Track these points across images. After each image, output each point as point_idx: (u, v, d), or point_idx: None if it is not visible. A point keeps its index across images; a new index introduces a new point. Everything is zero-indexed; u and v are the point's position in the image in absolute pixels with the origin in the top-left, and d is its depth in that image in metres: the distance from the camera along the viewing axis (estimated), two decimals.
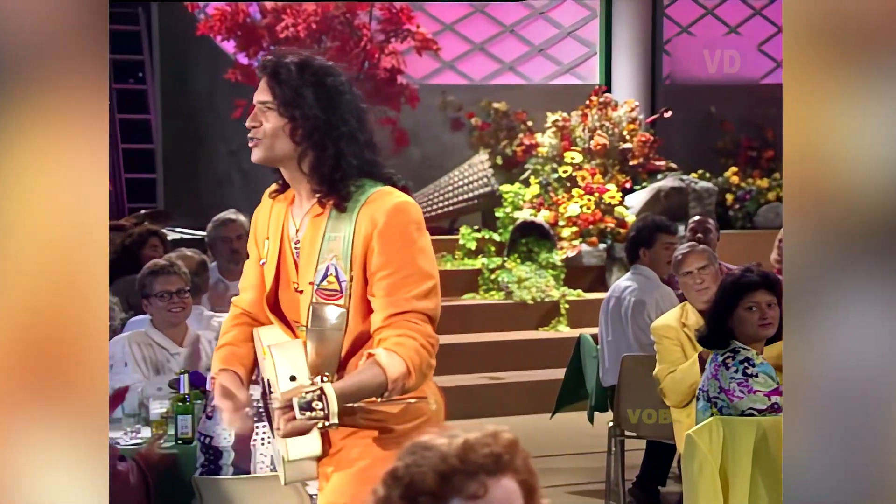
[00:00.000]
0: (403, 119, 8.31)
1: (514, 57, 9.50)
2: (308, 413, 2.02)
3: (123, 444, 3.43)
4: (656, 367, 4.31)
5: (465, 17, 9.35)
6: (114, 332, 4.50)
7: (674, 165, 8.77)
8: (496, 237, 8.34)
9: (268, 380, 2.26)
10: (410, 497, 1.24)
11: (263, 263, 2.33)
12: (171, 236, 6.57)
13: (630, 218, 8.31)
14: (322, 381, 2.07)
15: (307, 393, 2.04)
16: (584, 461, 5.63)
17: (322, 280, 2.21)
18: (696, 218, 6.17)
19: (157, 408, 3.51)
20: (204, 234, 8.06)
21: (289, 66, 2.25)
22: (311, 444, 2.15)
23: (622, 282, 5.08)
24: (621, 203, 8.45)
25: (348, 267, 2.19)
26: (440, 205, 8.73)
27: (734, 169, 9.16)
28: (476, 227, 8.45)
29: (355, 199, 2.22)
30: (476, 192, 8.70)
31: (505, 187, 8.49)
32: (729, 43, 9.59)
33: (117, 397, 3.63)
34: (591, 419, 5.08)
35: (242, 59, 8.00)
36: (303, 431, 2.08)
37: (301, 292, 2.25)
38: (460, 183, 8.73)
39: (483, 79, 9.44)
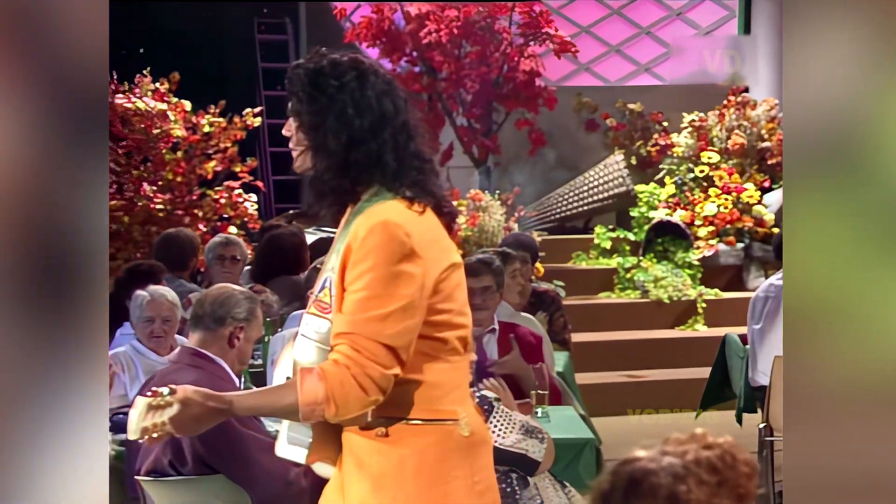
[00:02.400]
0: (539, 121, 8.46)
1: (650, 58, 9.54)
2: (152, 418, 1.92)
3: None
4: None
5: (602, 19, 9.43)
6: (273, 324, 4.81)
7: None
8: (631, 236, 8.41)
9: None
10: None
11: None
12: (320, 235, 6.87)
13: (769, 217, 8.26)
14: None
15: (161, 399, 1.94)
16: None
17: (319, 292, 2.11)
18: None
19: None
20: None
21: (302, 76, 2.14)
22: (300, 447, 2.10)
23: (774, 280, 5.09)
24: (759, 202, 8.39)
25: (337, 280, 2.07)
26: (575, 205, 8.84)
27: None
28: (611, 227, 8.53)
29: (357, 211, 2.10)
30: (611, 192, 8.78)
31: (640, 187, 8.54)
32: None
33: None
34: (739, 420, 5.06)
35: (387, 65, 8.30)
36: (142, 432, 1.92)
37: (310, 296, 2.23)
38: (595, 183, 8.83)
39: (618, 80, 9.51)
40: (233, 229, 7.23)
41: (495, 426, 3.20)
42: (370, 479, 2.11)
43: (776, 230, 7.99)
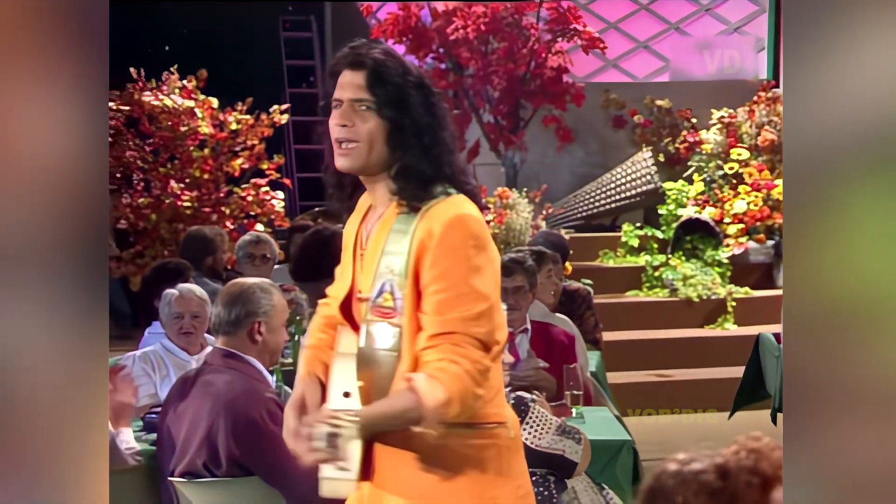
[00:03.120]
0: (566, 117, 8.41)
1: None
2: (327, 448, 1.87)
3: None
4: None
5: (630, 15, 9.36)
6: (301, 323, 4.78)
7: None
8: (659, 234, 8.33)
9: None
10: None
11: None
12: None
13: None
14: (349, 420, 1.90)
15: (335, 427, 1.88)
16: None
17: (378, 297, 2.03)
18: None
19: None
20: None
21: (387, 62, 2.03)
22: (346, 466, 1.96)
23: None
24: None
25: (404, 283, 2.00)
26: (602, 202, 8.78)
27: None
28: (638, 225, 8.47)
29: (412, 210, 2.04)
30: (639, 190, 8.71)
31: (668, 184, 8.47)
32: None
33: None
34: (774, 420, 5.01)
35: (413, 62, 8.25)
36: (317, 461, 1.92)
37: (364, 300, 2.09)
38: (623, 180, 8.76)
39: (646, 76, 9.43)
40: (259, 226, 7.21)
41: (531, 427, 3.16)
42: (428, 487, 2.06)
43: None
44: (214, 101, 7.35)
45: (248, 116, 7.39)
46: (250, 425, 2.95)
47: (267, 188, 7.45)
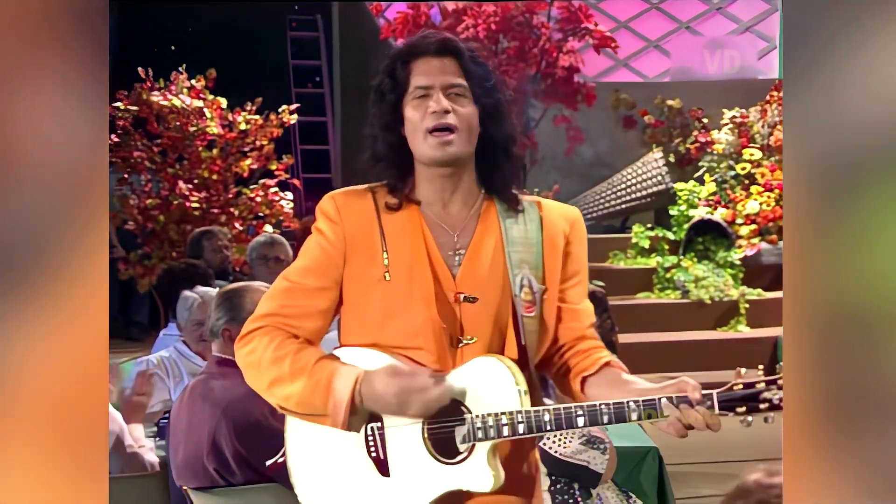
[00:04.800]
0: (576, 117, 8.35)
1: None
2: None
3: None
4: None
5: (640, 14, 9.30)
6: None
7: None
8: (670, 235, 8.27)
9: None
10: None
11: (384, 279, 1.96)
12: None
13: None
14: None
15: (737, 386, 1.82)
16: (778, 467, 5.51)
17: (519, 292, 1.98)
18: None
19: None
20: None
21: (475, 50, 2.01)
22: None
23: None
24: None
25: (541, 276, 1.98)
26: (612, 203, 8.71)
27: None
28: (649, 226, 8.41)
29: (527, 204, 2.03)
30: (649, 191, 8.65)
31: (679, 185, 8.41)
32: None
33: None
34: None
35: None
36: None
37: (473, 301, 1.96)
38: (633, 181, 8.70)
39: (657, 76, 9.37)
40: (268, 228, 7.15)
41: (556, 434, 3.09)
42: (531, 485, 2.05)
43: None
44: (223, 101, 7.29)
45: (257, 116, 7.32)
46: (253, 425, 2.91)
47: (276, 189, 7.39)
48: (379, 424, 1.94)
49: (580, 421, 1.89)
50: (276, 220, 7.35)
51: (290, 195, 7.52)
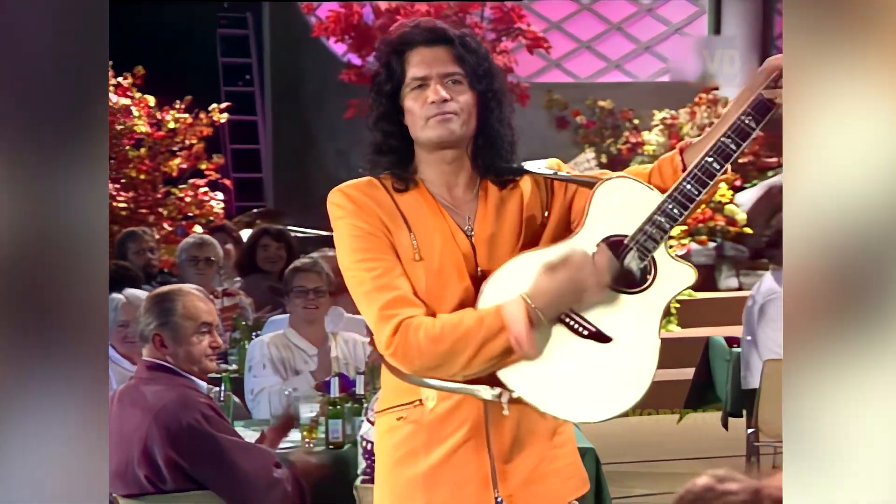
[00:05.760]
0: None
1: (621, 54, 9.48)
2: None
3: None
4: None
5: (572, 15, 9.36)
6: (248, 328, 4.63)
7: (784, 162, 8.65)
8: None
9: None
10: None
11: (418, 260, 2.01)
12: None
13: (741, 216, 8.22)
14: None
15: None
16: (714, 466, 5.57)
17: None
18: None
19: (307, 412, 3.37)
20: (317, 232, 8.25)
21: (467, 36, 2.03)
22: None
23: (768, 282, 5.02)
24: (731, 201, 8.35)
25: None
26: None
27: None
28: None
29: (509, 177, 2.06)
30: None
31: None
32: None
33: None
34: (725, 425, 4.99)
35: (356, 61, 8.14)
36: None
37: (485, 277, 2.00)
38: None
39: (589, 77, 9.44)
40: (198, 228, 7.02)
41: None
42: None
43: (748, 230, 7.96)
44: (151, 100, 7.14)
45: (186, 115, 7.19)
46: (185, 431, 2.85)
47: (206, 189, 7.27)
48: (567, 313, 1.93)
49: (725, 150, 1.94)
50: (206, 220, 7.22)
51: (220, 195, 7.41)
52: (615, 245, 1.94)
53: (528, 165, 2.08)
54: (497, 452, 1.99)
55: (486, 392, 1.95)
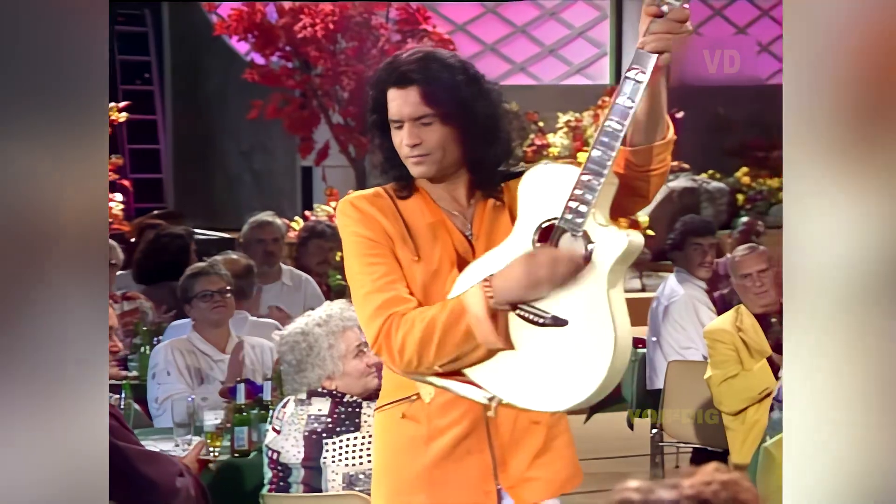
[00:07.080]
0: None
1: (526, 57, 9.55)
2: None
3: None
4: (708, 372, 4.25)
5: (477, 17, 9.39)
6: (149, 333, 4.48)
7: (686, 166, 8.82)
8: None
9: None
10: None
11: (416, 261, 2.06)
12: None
13: (643, 218, 8.35)
14: None
15: None
16: (620, 466, 5.60)
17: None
18: (746, 219, 6.18)
19: (212, 419, 3.29)
20: (220, 234, 8.07)
21: (436, 70, 2.02)
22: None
23: (672, 284, 5.07)
24: None
25: None
26: None
27: (745, 169, 9.22)
28: None
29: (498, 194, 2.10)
30: None
31: None
32: (730, 43, 9.65)
33: None
34: (630, 425, 5.03)
35: (259, 60, 8.01)
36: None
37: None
38: None
39: (494, 79, 9.47)
40: None
41: None
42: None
43: (650, 232, 8.09)
44: None
45: None
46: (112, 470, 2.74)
47: None
48: (522, 307, 1.95)
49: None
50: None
51: (119, 196, 7.19)
52: (549, 230, 1.95)
53: (540, 168, 2.08)
54: (497, 444, 2.03)
55: (479, 395, 2.00)
